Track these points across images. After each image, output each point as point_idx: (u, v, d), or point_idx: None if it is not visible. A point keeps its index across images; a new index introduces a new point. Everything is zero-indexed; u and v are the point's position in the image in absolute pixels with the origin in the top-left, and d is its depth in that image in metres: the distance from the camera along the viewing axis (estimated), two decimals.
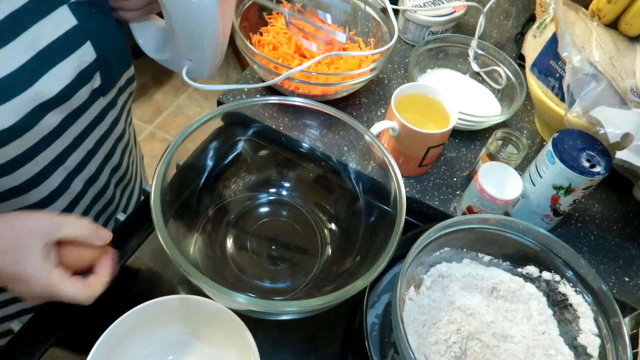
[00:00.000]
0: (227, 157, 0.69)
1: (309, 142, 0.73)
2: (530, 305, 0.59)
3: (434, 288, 0.59)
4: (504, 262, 0.62)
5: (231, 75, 2.20)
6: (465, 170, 0.76)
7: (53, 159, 0.57)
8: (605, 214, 0.75)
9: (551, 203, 0.65)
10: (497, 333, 0.57)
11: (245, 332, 0.52)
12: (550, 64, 0.72)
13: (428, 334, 0.55)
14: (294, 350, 0.60)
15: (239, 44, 0.75)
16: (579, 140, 0.62)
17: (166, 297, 0.54)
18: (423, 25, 0.89)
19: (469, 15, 1.01)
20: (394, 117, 0.67)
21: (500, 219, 0.59)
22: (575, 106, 0.65)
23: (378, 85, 0.85)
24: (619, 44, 0.68)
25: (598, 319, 0.55)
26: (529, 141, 0.81)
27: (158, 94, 2.09)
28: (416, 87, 0.72)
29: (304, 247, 0.66)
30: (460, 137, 0.80)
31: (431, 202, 0.72)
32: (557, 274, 0.59)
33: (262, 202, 0.70)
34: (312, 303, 0.48)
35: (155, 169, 0.52)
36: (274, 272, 0.64)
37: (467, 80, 0.87)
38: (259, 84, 0.78)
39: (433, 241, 0.57)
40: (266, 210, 0.69)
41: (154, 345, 0.55)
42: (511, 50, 0.96)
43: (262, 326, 0.60)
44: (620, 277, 0.68)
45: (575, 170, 0.60)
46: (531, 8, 1.02)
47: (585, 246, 0.71)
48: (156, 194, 0.51)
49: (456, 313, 0.57)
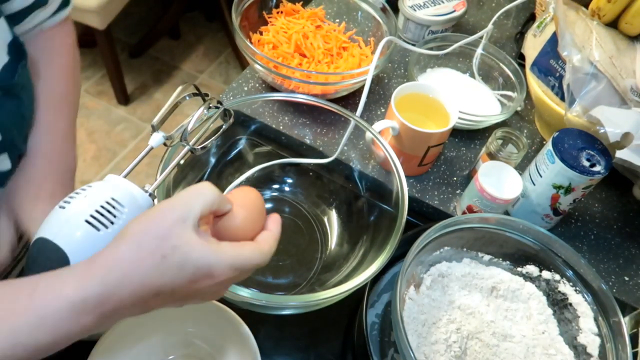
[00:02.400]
0: (229, 155, 0.69)
1: (310, 139, 0.73)
2: (530, 305, 0.59)
3: (434, 287, 0.59)
4: (504, 262, 0.62)
5: (231, 74, 2.20)
6: (465, 169, 0.76)
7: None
8: (605, 213, 0.75)
9: (551, 202, 0.65)
10: (497, 332, 0.57)
11: (245, 331, 0.52)
12: (550, 64, 0.72)
13: (428, 334, 0.55)
14: (294, 349, 0.60)
15: (239, 43, 0.75)
16: (579, 140, 0.62)
17: None
18: (423, 24, 0.89)
19: (469, 14, 1.00)
20: (394, 117, 0.67)
21: (500, 218, 0.59)
22: (575, 105, 0.65)
23: (378, 85, 0.85)
24: (619, 44, 0.68)
25: (598, 318, 0.55)
26: (529, 140, 0.81)
27: (158, 93, 2.09)
28: (416, 87, 0.72)
29: (305, 243, 0.67)
30: (460, 137, 0.80)
31: (431, 201, 0.72)
32: (557, 274, 0.59)
33: (264, 199, 0.70)
34: (313, 297, 0.49)
35: (158, 167, 0.52)
36: (276, 267, 0.64)
37: (467, 79, 0.87)
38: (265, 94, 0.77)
39: (433, 240, 0.57)
40: (268, 207, 0.69)
41: (154, 346, 0.55)
42: (511, 49, 0.95)
43: (263, 324, 0.60)
44: (620, 276, 0.68)
45: (575, 169, 0.60)
46: (531, 7, 1.02)
47: (585, 245, 0.71)
48: (159, 191, 0.51)
49: (456, 312, 0.57)
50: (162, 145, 0.51)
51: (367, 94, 0.66)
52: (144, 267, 0.35)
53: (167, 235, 0.36)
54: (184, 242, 0.36)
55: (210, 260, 0.36)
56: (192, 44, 2.29)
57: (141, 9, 2.36)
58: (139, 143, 1.94)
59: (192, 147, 0.52)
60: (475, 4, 1.04)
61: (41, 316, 0.34)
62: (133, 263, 0.35)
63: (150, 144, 0.50)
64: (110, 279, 0.34)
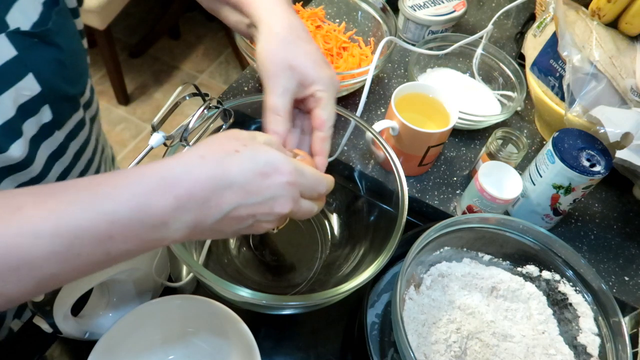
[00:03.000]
0: None
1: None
2: (530, 305, 0.59)
3: (434, 287, 0.59)
4: (504, 262, 0.62)
5: (231, 74, 2.20)
6: (465, 169, 0.76)
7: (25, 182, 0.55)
8: (605, 213, 0.75)
9: (551, 202, 0.65)
10: (497, 332, 0.57)
11: (245, 330, 0.52)
12: (551, 64, 0.72)
13: (428, 334, 0.55)
14: (294, 349, 0.60)
15: (239, 43, 0.75)
16: (579, 140, 0.62)
17: (166, 297, 0.54)
18: (423, 24, 0.89)
19: (469, 14, 1.01)
20: (394, 117, 0.67)
21: (500, 218, 0.59)
22: (575, 105, 0.66)
23: (378, 85, 0.85)
24: (619, 43, 0.68)
25: (598, 318, 0.55)
26: (529, 140, 0.81)
27: (158, 92, 2.09)
28: (416, 87, 0.72)
29: (305, 243, 0.67)
30: (460, 137, 0.80)
31: (431, 201, 0.72)
32: (557, 273, 0.59)
33: None
34: (313, 297, 0.49)
35: None
36: (276, 267, 0.64)
37: (467, 79, 0.87)
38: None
39: (433, 240, 0.57)
40: None
41: (154, 345, 0.55)
42: (511, 49, 0.95)
43: (263, 325, 0.60)
44: (620, 276, 0.68)
45: (575, 169, 0.60)
46: (531, 7, 1.02)
47: (585, 245, 0.71)
48: None
49: (456, 312, 0.57)
50: (162, 145, 0.51)
51: (367, 94, 0.66)
52: (219, 155, 0.37)
53: (238, 137, 0.40)
54: (255, 144, 0.40)
55: (278, 157, 0.39)
56: (192, 44, 2.29)
57: (141, 9, 2.36)
58: (139, 143, 1.95)
59: (192, 147, 0.52)
60: (475, 4, 1.04)
61: (117, 186, 0.34)
62: (210, 151, 0.38)
63: (150, 144, 0.50)
64: (186, 161, 0.36)
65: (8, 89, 0.47)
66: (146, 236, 0.35)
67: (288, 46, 0.49)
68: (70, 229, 0.32)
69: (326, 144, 0.50)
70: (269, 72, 0.48)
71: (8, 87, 0.47)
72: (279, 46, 0.49)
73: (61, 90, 0.54)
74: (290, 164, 0.40)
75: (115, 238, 0.34)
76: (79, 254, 0.33)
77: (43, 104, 0.52)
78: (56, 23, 0.51)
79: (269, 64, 0.48)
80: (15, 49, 0.47)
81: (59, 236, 0.32)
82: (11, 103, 0.48)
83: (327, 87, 0.50)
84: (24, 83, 0.49)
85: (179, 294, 0.55)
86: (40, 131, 0.54)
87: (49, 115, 0.54)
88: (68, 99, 0.57)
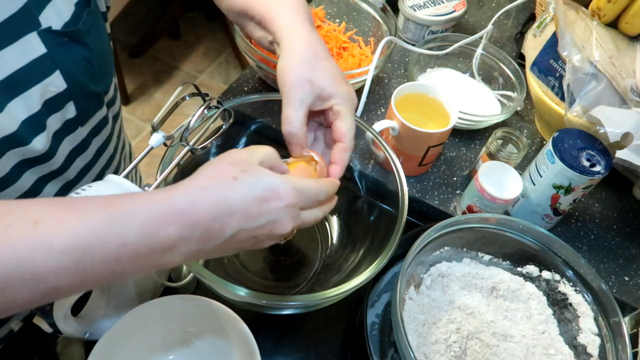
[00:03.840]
0: None
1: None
2: (530, 305, 0.59)
3: (434, 287, 0.59)
4: (504, 262, 0.62)
5: (231, 74, 2.20)
6: (465, 169, 0.76)
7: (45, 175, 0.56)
8: (605, 213, 0.75)
9: (551, 202, 0.65)
10: (497, 332, 0.57)
11: (245, 330, 0.52)
12: (551, 64, 0.72)
13: (428, 334, 0.55)
14: (294, 349, 0.60)
15: (239, 43, 0.75)
16: (579, 140, 0.62)
17: (166, 297, 0.54)
18: (423, 24, 0.89)
19: (469, 14, 1.00)
20: (394, 117, 0.67)
21: (500, 218, 0.59)
22: (575, 105, 0.65)
23: (378, 85, 0.85)
24: (619, 43, 0.68)
25: (598, 318, 0.55)
26: (529, 140, 0.81)
27: (158, 93, 2.09)
28: (416, 87, 0.72)
29: (305, 243, 0.67)
30: (460, 137, 0.80)
31: (431, 201, 0.72)
32: (557, 274, 0.59)
33: None
34: (313, 297, 0.49)
35: (158, 168, 0.52)
36: (276, 267, 0.64)
37: (467, 79, 0.87)
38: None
39: (433, 240, 0.57)
40: None
41: (154, 345, 0.55)
42: (511, 49, 0.95)
43: (263, 325, 0.60)
44: (620, 276, 0.68)
45: (575, 169, 0.60)
46: (531, 7, 1.02)
47: (585, 245, 0.71)
48: None
49: (456, 312, 0.57)
50: (162, 145, 0.51)
51: (367, 94, 0.66)
52: (219, 184, 0.40)
53: (236, 163, 0.41)
54: (253, 168, 0.41)
55: (276, 181, 0.41)
56: (192, 44, 2.29)
57: (141, 9, 2.36)
58: (139, 143, 1.94)
59: (192, 147, 0.52)
60: (475, 4, 1.04)
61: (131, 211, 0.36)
62: (210, 180, 0.40)
63: (150, 144, 0.50)
64: (190, 193, 0.39)
65: (36, 85, 0.49)
66: (152, 260, 0.37)
67: (308, 63, 0.51)
68: (81, 247, 0.34)
69: (346, 155, 0.52)
70: (288, 85, 0.50)
71: (36, 83, 0.49)
72: (300, 63, 0.51)
73: (87, 88, 0.56)
74: (288, 186, 0.42)
75: (122, 259, 0.35)
76: (85, 270, 0.34)
77: (68, 101, 0.54)
78: (86, 23, 0.53)
79: (288, 78, 0.50)
80: (45, 47, 0.49)
81: (71, 252, 0.34)
82: (38, 98, 0.50)
83: (345, 102, 0.52)
84: (51, 79, 0.50)
85: (179, 294, 0.55)
86: (64, 126, 0.55)
87: (73, 111, 0.55)
88: (93, 97, 0.59)
